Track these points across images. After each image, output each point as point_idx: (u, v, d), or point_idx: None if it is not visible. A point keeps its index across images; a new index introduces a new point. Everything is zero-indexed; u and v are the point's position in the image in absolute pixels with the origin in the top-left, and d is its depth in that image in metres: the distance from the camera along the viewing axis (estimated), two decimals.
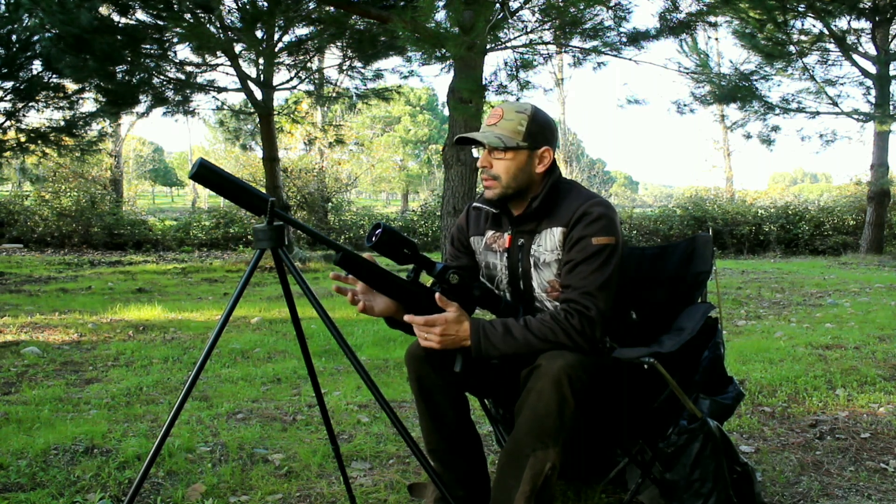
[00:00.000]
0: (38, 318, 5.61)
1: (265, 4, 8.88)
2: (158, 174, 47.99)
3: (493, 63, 17.71)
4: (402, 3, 7.41)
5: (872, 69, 12.47)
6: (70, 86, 10.90)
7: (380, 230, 1.63)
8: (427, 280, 1.77)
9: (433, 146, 37.88)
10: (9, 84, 10.46)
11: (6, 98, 10.60)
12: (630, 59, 8.67)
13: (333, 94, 12.25)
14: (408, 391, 3.25)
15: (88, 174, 18.54)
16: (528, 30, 8.14)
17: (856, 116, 12.71)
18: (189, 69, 10.66)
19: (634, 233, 16.23)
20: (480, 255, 1.94)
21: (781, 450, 2.54)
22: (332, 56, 12.17)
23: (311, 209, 17.36)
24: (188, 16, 8.89)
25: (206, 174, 1.48)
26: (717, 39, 21.93)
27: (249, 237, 15.89)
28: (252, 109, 11.32)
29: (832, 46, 12.90)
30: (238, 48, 10.17)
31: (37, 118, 12.79)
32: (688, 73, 12.35)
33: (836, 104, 12.84)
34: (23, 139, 11.18)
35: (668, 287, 2.06)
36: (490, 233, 1.91)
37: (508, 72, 8.39)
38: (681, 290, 2.03)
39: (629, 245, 2.14)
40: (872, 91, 12.63)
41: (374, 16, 7.71)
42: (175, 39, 9.55)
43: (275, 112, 11.18)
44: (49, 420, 2.94)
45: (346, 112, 18.43)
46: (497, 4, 6.87)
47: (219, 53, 10.06)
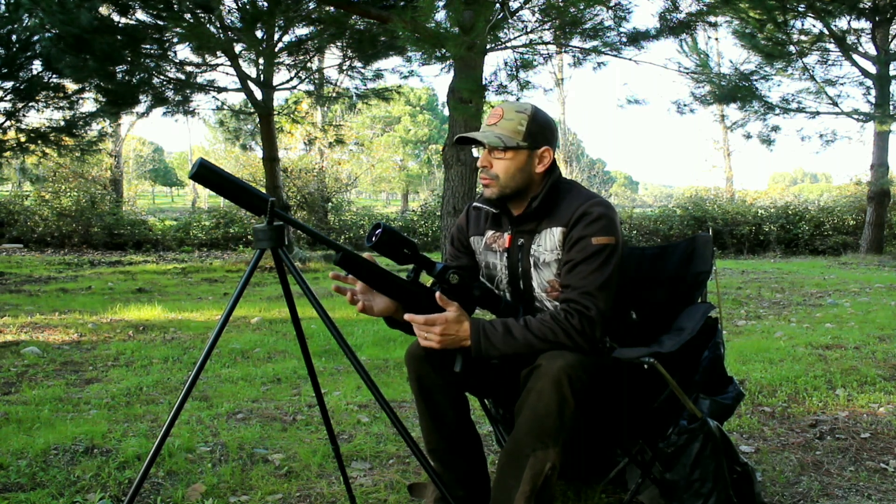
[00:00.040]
0: (38, 318, 5.61)
1: (265, 4, 8.88)
2: (158, 174, 48.00)
3: (493, 63, 17.72)
4: (402, 3, 7.41)
5: (872, 69, 12.47)
6: (70, 86, 10.90)
7: (380, 230, 1.63)
8: (427, 280, 1.77)
9: (433, 146, 37.88)
10: (9, 84, 10.46)
11: (6, 98, 10.60)
12: (630, 59, 8.69)
13: (333, 94, 12.25)
14: (408, 391, 3.25)
15: (88, 174, 18.54)
16: (528, 30, 8.15)
17: (856, 116, 12.71)
18: (189, 69, 10.67)
19: (634, 233, 16.23)
20: (480, 255, 1.94)
21: (781, 450, 2.54)
22: (332, 56, 12.19)
23: (311, 209, 17.36)
24: (188, 16, 8.89)
25: (206, 174, 1.48)
26: (717, 39, 21.96)
27: (249, 237, 15.89)
28: (252, 109, 11.32)
29: (832, 46, 12.90)
30: (238, 48, 10.17)
31: (37, 118, 12.80)
32: (688, 73, 12.35)
33: (836, 104, 12.85)
34: (23, 139, 11.18)
35: (668, 287, 2.06)
36: (490, 233, 1.91)
37: (508, 72, 8.40)
38: (681, 290, 2.03)
39: (629, 245, 2.14)
40: (872, 91, 12.63)
41: (374, 16, 7.71)
42: (175, 39, 9.55)
43: (275, 112, 11.18)
44: (49, 420, 2.94)
45: (346, 112, 18.43)
46: (497, 4, 6.86)
47: (219, 53, 10.06)
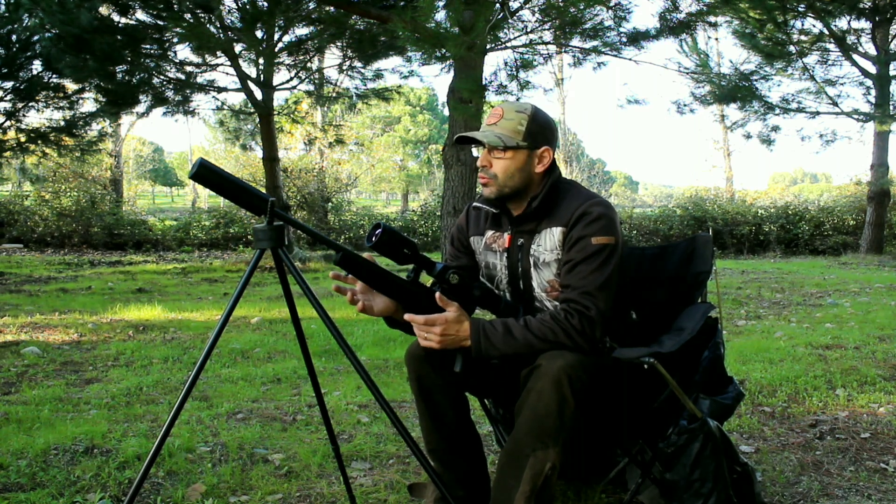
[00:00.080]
0: (38, 318, 5.61)
1: (265, 4, 8.88)
2: (158, 174, 48.01)
3: (493, 63, 17.71)
4: (402, 3, 7.41)
5: (872, 69, 12.47)
6: (70, 86, 10.90)
7: (380, 230, 1.63)
8: (427, 280, 1.77)
9: (433, 146, 37.88)
10: (9, 84, 10.47)
11: (6, 98, 10.60)
12: (630, 59, 8.69)
13: (333, 94, 12.25)
14: (408, 391, 3.25)
15: (88, 174, 18.54)
16: (528, 30, 8.15)
17: (856, 116, 12.71)
18: (189, 69, 10.67)
19: (634, 233, 16.23)
20: (480, 255, 1.94)
21: (781, 450, 2.54)
22: (332, 56, 12.19)
23: (311, 209, 17.36)
24: (188, 16, 8.89)
25: (206, 174, 1.48)
26: (717, 39, 21.97)
27: (249, 237, 15.89)
28: (252, 109, 11.32)
29: (832, 46, 12.90)
30: (238, 48, 10.17)
31: (37, 118, 12.80)
32: (688, 73, 12.35)
33: (836, 104, 12.85)
34: (23, 139, 11.18)
35: (668, 287, 2.06)
36: (490, 233, 1.91)
37: (508, 72, 8.40)
38: (681, 290, 2.03)
39: (629, 245, 2.14)
40: (872, 91, 12.63)
41: (374, 16, 7.71)
42: (175, 39, 9.55)
43: (275, 112, 11.18)
44: (49, 420, 2.94)
45: (346, 112, 18.43)
46: (497, 4, 6.86)
47: (219, 53, 10.06)
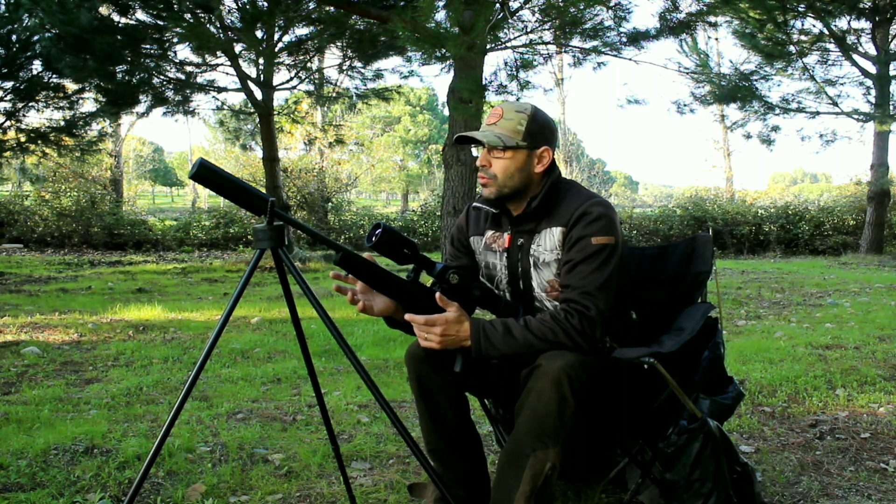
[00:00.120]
0: (38, 318, 5.61)
1: (265, 4, 8.88)
2: (158, 174, 48.01)
3: (493, 63, 17.70)
4: (402, 3, 7.41)
5: (872, 69, 12.47)
6: (70, 86, 10.90)
7: (380, 230, 1.63)
8: (427, 280, 1.77)
9: (433, 146, 37.88)
10: (9, 84, 10.46)
11: (6, 98, 10.60)
12: (630, 59, 8.69)
13: (333, 94, 12.25)
14: (408, 391, 3.25)
15: (88, 174, 18.54)
16: (528, 30, 8.15)
17: (856, 116, 12.71)
18: (189, 69, 10.67)
19: (634, 233, 16.23)
20: (480, 255, 1.94)
21: (781, 450, 2.54)
22: (332, 56, 12.19)
23: (311, 209, 17.36)
24: (188, 16, 8.89)
25: (206, 174, 1.48)
26: (717, 39, 21.97)
27: (249, 237, 15.89)
28: (252, 109, 11.32)
29: (832, 46, 12.90)
30: (238, 48, 10.17)
31: (37, 118, 12.81)
32: (688, 73, 12.35)
33: (836, 104, 12.85)
34: (23, 139, 11.18)
35: (668, 287, 2.06)
36: (490, 233, 1.91)
37: (508, 72, 8.40)
38: (681, 290, 2.03)
39: (629, 245, 2.14)
40: (872, 91, 12.64)
41: (374, 16, 7.71)
42: (175, 39, 9.55)
43: (275, 112, 11.18)
44: (49, 420, 2.94)
45: (346, 112, 18.43)
46: (497, 4, 6.86)
47: (219, 53, 10.06)
